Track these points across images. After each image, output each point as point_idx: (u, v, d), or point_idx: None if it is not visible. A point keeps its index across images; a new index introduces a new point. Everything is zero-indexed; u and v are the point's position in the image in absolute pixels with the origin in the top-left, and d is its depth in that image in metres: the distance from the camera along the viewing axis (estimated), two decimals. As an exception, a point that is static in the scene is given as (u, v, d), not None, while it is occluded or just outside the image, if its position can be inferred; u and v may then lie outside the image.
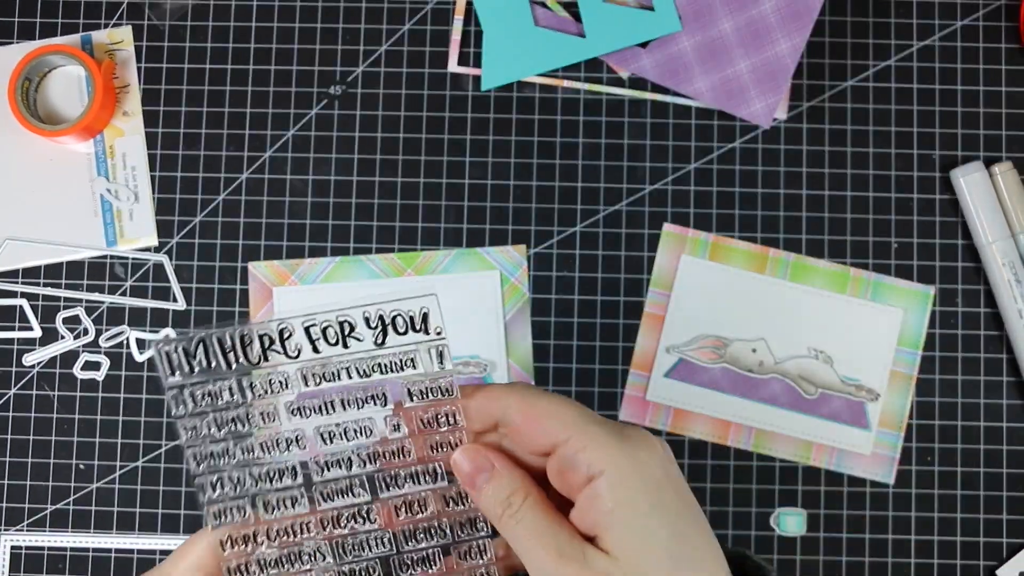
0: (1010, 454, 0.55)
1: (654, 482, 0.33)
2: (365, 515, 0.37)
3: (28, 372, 0.57)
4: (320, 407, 0.36)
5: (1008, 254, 0.54)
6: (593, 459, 0.33)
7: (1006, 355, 0.56)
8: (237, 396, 0.35)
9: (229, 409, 0.36)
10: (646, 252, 0.56)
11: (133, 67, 0.58)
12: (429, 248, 0.56)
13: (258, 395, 0.36)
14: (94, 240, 0.57)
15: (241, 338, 0.34)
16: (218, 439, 0.36)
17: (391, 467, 0.36)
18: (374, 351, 0.35)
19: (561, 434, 0.34)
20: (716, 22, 0.55)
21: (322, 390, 0.36)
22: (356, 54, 0.58)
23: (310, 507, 0.37)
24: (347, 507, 0.37)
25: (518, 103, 0.57)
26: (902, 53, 0.57)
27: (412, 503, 0.37)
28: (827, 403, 0.55)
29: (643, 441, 0.34)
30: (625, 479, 0.32)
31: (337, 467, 0.36)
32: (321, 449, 0.36)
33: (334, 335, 0.34)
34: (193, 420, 0.36)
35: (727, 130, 0.57)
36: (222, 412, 0.36)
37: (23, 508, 0.56)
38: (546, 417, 0.34)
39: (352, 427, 0.36)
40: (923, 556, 0.55)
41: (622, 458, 0.33)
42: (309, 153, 0.57)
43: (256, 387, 0.35)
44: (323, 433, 0.36)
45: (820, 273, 0.56)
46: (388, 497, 0.37)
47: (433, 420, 0.36)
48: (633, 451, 0.33)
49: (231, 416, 0.36)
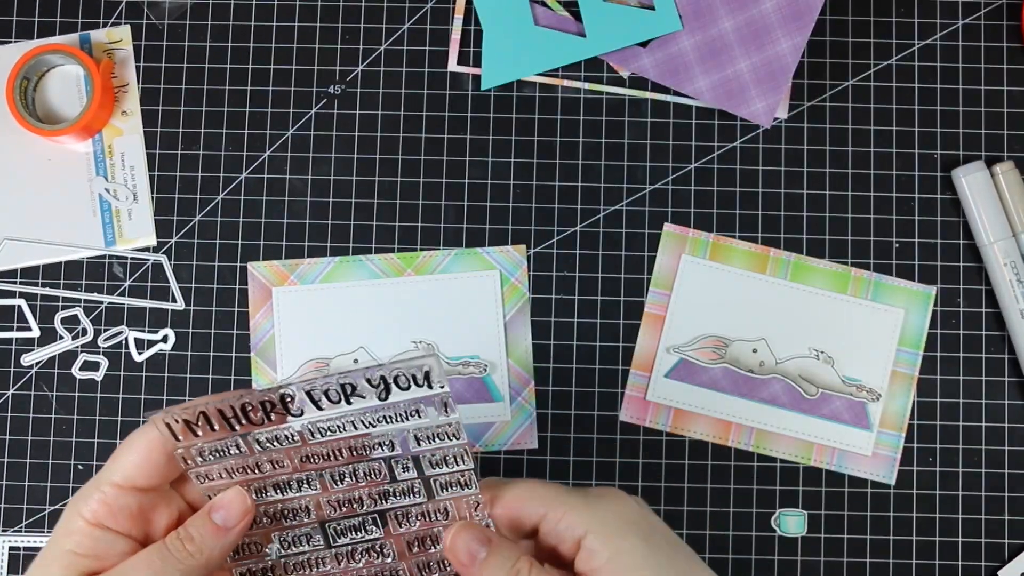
0: (1012, 455, 0.55)
1: (641, 529, 0.35)
2: (379, 550, 0.38)
3: (26, 372, 0.57)
4: (328, 454, 0.36)
5: (1010, 254, 0.54)
6: (577, 522, 0.35)
7: (1008, 355, 0.55)
8: (245, 450, 0.36)
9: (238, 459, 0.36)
10: (646, 252, 0.56)
11: (132, 66, 0.58)
12: (429, 248, 0.56)
13: (264, 448, 0.36)
14: (93, 240, 0.57)
15: (242, 407, 0.34)
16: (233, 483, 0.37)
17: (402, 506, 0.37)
18: (378, 404, 0.35)
19: (539, 510, 0.35)
20: (717, 21, 0.55)
21: (327, 441, 0.36)
22: (356, 53, 0.57)
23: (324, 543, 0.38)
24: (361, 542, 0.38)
25: (518, 103, 0.57)
26: (903, 52, 0.57)
27: (424, 539, 0.37)
28: (828, 403, 0.55)
29: (618, 496, 0.36)
30: (614, 531, 0.34)
31: (349, 505, 0.37)
32: (332, 488, 0.37)
33: (336, 395, 0.34)
34: (203, 469, 0.37)
35: (728, 129, 0.57)
36: (232, 460, 0.36)
37: (21, 509, 0.56)
38: (520, 501, 0.36)
39: (362, 468, 0.37)
40: (924, 557, 0.54)
41: (605, 513, 0.35)
42: (308, 153, 0.57)
43: (262, 442, 0.36)
44: (332, 475, 0.37)
45: (821, 273, 0.56)
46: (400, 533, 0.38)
47: (441, 461, 0.36)
48: (612, 506, 0.35)
49: (241, 465, 0.37)
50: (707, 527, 0.55)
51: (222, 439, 0.36)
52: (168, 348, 0.56)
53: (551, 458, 0.55)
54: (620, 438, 0.55)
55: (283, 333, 0.56)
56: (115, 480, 0.35)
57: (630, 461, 0.55)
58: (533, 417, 0.55)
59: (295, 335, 0.56)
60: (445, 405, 0.35)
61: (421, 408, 0.35)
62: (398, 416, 0.35)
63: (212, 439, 0.36)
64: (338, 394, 0.34)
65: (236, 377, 0.56)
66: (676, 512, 0.55)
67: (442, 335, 0.55)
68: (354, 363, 0.56)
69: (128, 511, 0.35)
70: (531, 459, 0.55)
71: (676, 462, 0.55)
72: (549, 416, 0.55)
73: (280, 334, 0.56)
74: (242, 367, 0.56)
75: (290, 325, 0.56)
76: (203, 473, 0.37)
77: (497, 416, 0.55)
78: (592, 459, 0.55)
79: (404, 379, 0.34)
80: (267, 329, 0.56)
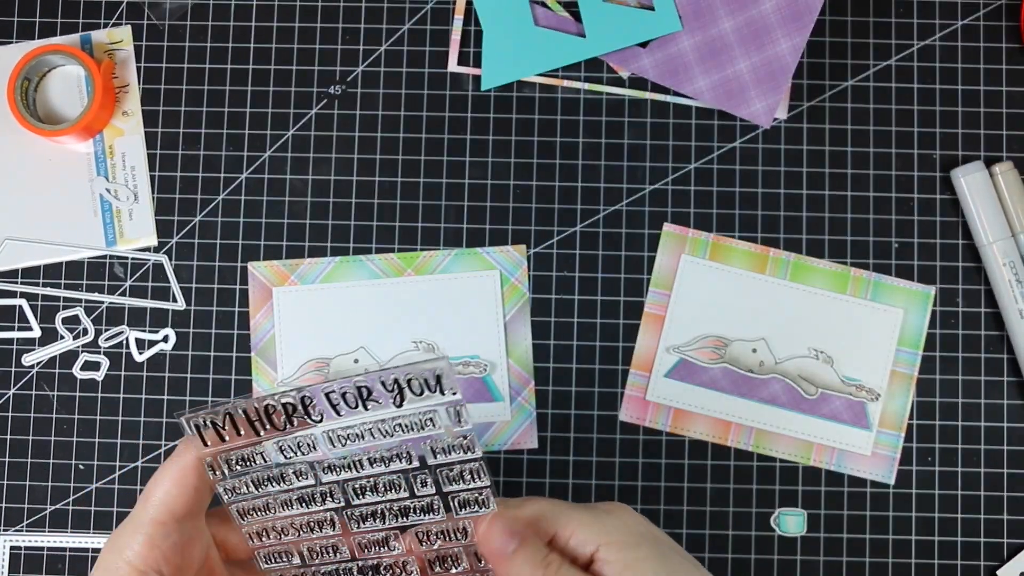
0: (1011, 454, 0.55)
1: (649, 539, 0.37)
2: (403, 566, 0.39)
3: (27, 372, 0.57)
4: (350, 465, 0.37)
5: (1009, 254, 0.54)
6: (588, 537, 0.36)
7: (1007, 355, 0.55)
8: (270, 459, 0.37)
9: (263, 471, 0.37)
10: (646, 252, 0.56)
11: (132, 67, 0.58)
12: (429, 248, 0.56)
13: (288, 457, 0.37)
14: (93, 240, 0.57)
15: (266, 408, 0.35)
16: (258, 496, 0.38)
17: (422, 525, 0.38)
18: (394, 412, 0.36)
19: (550, 529, 0.37)
20: (716, 22, 0.55)
21: (349, 450, 0.37)
22: (356, 54, 0.57)
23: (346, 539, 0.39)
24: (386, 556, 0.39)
25: (518, 103, 0.57)
26: (903, 53, 0.57)
27: (444, 558, 0.38)
28: (827, 403, 0.55)
29: (623, 509, 0.38)
30: (625, 542, 0.36)
31: (372, 519, 0.38)
32: (355, 502, 0.38)
33: (353, 400, 0.35)
34: (231, 482, 0.38)
35: (727, 130, 0.57)
36: (257, 473, 0.37)
37: (22, 508, 0.56)
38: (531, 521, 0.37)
39: (383, 481, 0.38)
40: (924, 557, 0.55)
41: (614, 526, 0.37)
42: (309, 153, 0.57)
43: (286, 450, 0.37)
44: (355, 487, 0.38)
45: (820, 273, 0.56)
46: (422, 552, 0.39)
47: (458, 477, 0.37)
48: (619, 519, 0.37)
49: (266, 476, 0.38)
50: (707, 527, 0.55)
51: (247, 447, 0.36)
52: (169, 348, 0.56)
53: (551, 458, 0.55)
54: (620, 438, 0.55)
55: (283, 333, 0.56)
56: (155, 516, 0.36)
57: (630, 461, 0.55)
58: (533, 417, 0.55)
59: (295, 335, 0.56)
60: (458, 414, 0.35)
61: (435, 416, 0.35)
62: (413, 426, 0.36)
63: (238, 445, 0.36)
64: (355, 398, 0.35)
65: (236, 377, 0.56)
66: (676, 512, 0.55)
67: (442, 335, 0.56)
68: (354, 363, 0.56)
69: (172, 548, 0.36)
70: (531, 459, 0.55)
71: (676, 462, 0.55)
72: (549, 416, 0.56)
73: (280, 334, 0.56)
74: (242, 367, 0.56)
75: (290, 325, 0.56)
76: (231, 487, 0.38)
77: (497, 416, 0.55)
78: (592, 459, 0.55)
79: (417, 384, 0.35)
80: (267, 329, 0.56)
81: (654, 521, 0.54)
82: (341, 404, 0.35)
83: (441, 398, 0.35)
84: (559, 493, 0.55)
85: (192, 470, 0.36)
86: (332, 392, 0.35)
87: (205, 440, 0.36)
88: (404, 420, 0.36)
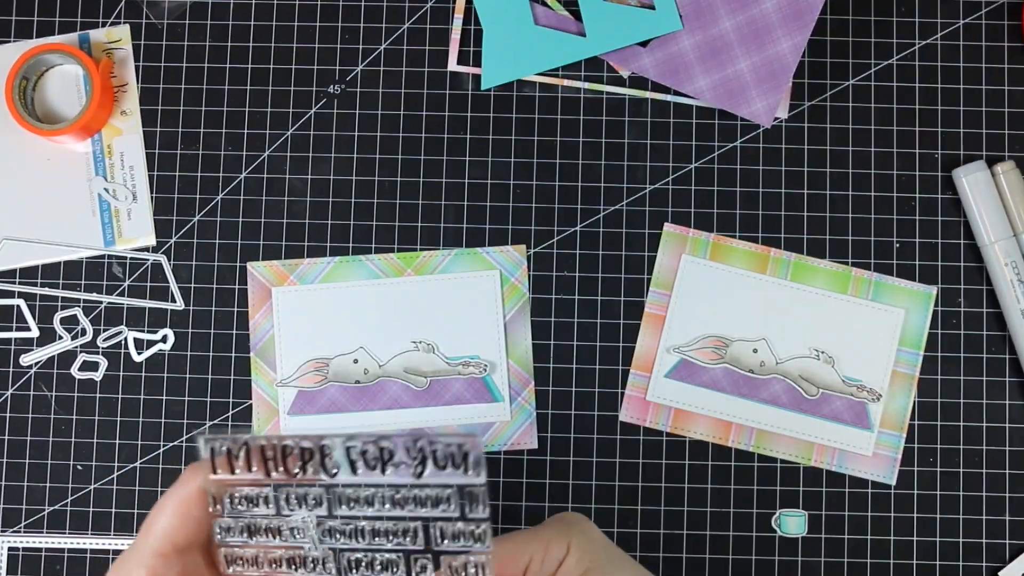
0: (1012, 455, 0.55)
1: (602, 545, 0.40)
2: None
3: (25, 372, 0.56)
4: (352, 532, 0.36)
5: (1010, 254, 0.54)
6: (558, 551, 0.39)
7: (1008, 355, 0.55)
8: (272, 507, 0.36)
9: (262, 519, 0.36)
10: (646, 252, 0.56)
11: (131, 66, 0.58)
12: (429, 248, 0.56)
13: (292, 508, 0.36)
14: (92, 240, 0.57)
15: (283, 448, 0.34)
16: (250, 546, 0.36)
17: None
18: (411, 481, 0.34)
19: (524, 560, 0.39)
20: (717, 21, 0.55)
21: (355, 515, 0.35)
22: (355, 53, 0.57)
23: None
24: None
25: (518, 102, 0.57)
26: (904, 52, 0.57)
27: None
28: (828, 403, 0.55)
29: (580, 520, 0.41)
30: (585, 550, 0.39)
31: None
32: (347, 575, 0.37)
33: (373, 460, 0.34)
34: (227, 521, 0.36)
35: (728, 129, 0.57)
36: (256, 520, 0.36)
37: (20, 509, 0.56)
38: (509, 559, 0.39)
39: (380, 559, 0.36)
40: (925, 558, 0.54)
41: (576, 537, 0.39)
42: (308, 152, 0.57)
43: (291, 500, 0.36)
44: (350, 559, 0.36)
45: (821, 273, 0.55)
46: None
47: (462, 568, 0.35)
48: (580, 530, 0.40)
49: (264, 526, 0.36)
50: (707, 527, 0.55)
51: (253, 486, 0.35)
52: (167, 348, 0.56)
53: (551, 458, 0.55)
54: (620, 438, 0.55)
55: (283, 333, 0.56)
56: (157, 548, 0.35)
57: (630, 461, 0.55)
58: (533, 417, 0.55)
59: (295, 335, 0.56)
60: (478, 501, 0.33)
61: (452, 496, 0.34)
62: (428, 500, 0.34)
63: (246, 481, 0.35)
64: (376, 460, 0.33)
65: (236, 377, 0.56)
66: (676, 512, 0.55)
67: (442, 335, 0.55)
68: (354, 363, 0.55)
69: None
70: (531, 459, 0.55)
71: (676, 462, 0.55)
72: (549, 416, 0.55)
73: (280, 334, 0.56)
74: (242, 367, 0.56)
75: (290, 325, 0.56)
76: (225, 526, 0.36)
77: (497, 416, 0.55)
78: (592, 459, 0.55)
79: (442, 457, 0.33)
80: (267, 329, 0.56)
81: (654, 521, 0.55)
82: (359, 462, 0.33)
83: (463, 477, 0.33)
84: (559, 493, 0.55)
85: (195, 500, 0.35)
86: (352, 448, 0.33)
87: (215, 466, 0.35)
88: (420, 493, 0.34)
